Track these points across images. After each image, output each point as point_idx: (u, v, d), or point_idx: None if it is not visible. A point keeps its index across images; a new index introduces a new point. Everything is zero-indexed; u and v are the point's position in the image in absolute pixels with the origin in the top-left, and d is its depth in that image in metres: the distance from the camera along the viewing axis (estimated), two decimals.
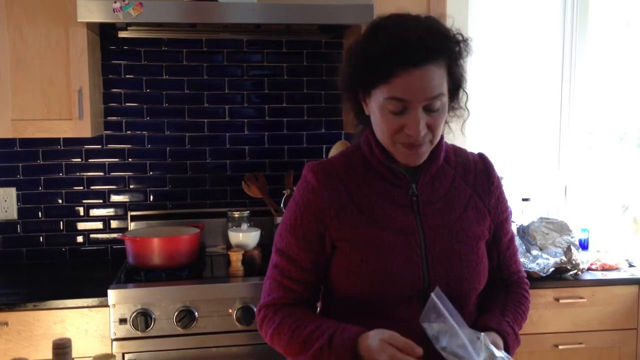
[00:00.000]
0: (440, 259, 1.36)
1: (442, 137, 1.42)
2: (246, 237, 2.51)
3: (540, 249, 2.51)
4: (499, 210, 1.49)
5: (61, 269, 2.73)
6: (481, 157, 1.53)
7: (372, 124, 1.38)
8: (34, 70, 2.43)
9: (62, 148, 2.82)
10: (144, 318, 2.23)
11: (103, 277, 2.47)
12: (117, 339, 2.25)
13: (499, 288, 1.51)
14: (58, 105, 2.46)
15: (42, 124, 2.45)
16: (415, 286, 1.34)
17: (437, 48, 1.28)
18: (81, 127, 2.47)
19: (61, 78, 2.45)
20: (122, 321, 2.24)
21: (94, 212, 2.87)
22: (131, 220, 2.84)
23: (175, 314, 2.26)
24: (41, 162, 2.81)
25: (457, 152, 1.51)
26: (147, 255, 2.39)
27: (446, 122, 1.41)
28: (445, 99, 1.32)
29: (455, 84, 1.36)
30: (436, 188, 1.43)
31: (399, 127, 1.30)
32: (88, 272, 2.70)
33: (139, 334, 2.24)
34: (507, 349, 1.35)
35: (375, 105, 1.32)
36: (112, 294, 2.23)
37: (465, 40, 1.36)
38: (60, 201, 2.84)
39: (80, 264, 2.82)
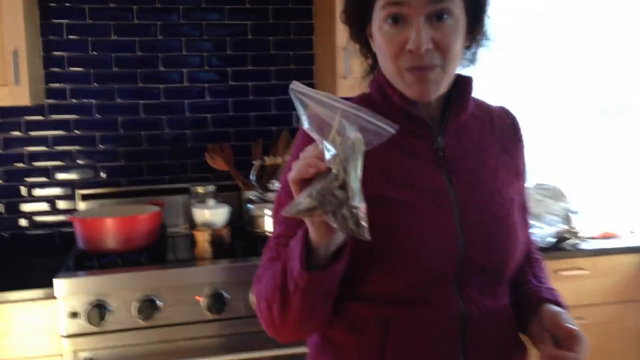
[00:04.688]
0: (476, 224, 1.14)
1: (470, 80, 1.21)
2: (213, 214, 2.24)
3: (535, 218, 2.31)
4: (525, 169, 1.30)
5: (3, 257, 2.42)
6: (505, 110, 1.32)
7: (380, 63, 1.17)
8: None
9: None
10: (98, 311, 1.95)
11: (51, 264, 2.17)
12: (69, 336, 1.97)
13: None
14: None
15: None
16: (450, 258, 1.11)
17: None
18: (18, 93, 2.16)
19: None
20: (74, 315, 1.96)
21: (38, 191, 2.55)
22: (80, 200, 2.53)
23: (135, 304, 1.98)
24: None
25: (479, 103, 1.29)
26: (99, 239, 2.10)
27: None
28: (458, 12, 1.10)
29: (475, 7, 1.14)
30: (464, 142, 1.21)
31: (400, 45, 1.09)
32: (34, 260, 2.39)
33: (94, 329, 1.96)
34: None
35: (376, 28, 1.13)
36: (59, 285, 1.94)
37: None
38: None
39: (24, 250, 2.51)
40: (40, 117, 2.52)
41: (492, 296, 1.16)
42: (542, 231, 2.23)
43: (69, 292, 1.95)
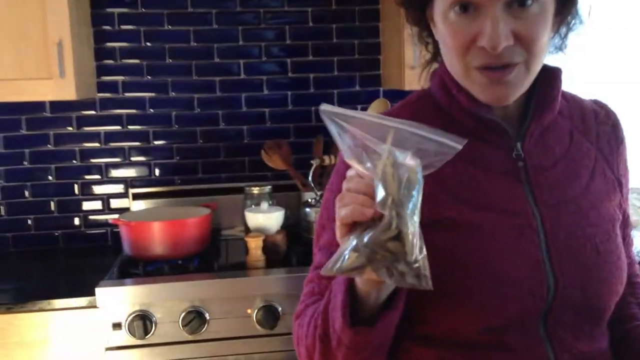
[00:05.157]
0: (569, 252, 0.91)
1: (558, 72, 0.97)
2: (267, 218, 2.05)
3: (633, 227, 2.01)
4: (627, 177, 1.05)
5: (54, 258, 2.32)
6: (600, 104, 1.07)
7: (443, 56, 0.95)
8: (3, 19, 1.98)
9: (49, 115, 2.38)
10: (142, 322, 1.81)
11: (101, 266, 2.05)
12: (110, 348, 1.83)
13: None
14: (34, 61, 2.01)
15: (16, 85, 2.00)
16: (534, 295, 0.89)
17: None
18: (64, 87, 2.03)
19: (37, 28, 2.00)
20: (116, 326, 1.82)
21: (91, 189, 2.44)
22: (133, 199, 2.40)
23: (182, 316, 1.82)
24: (25, 132, 2.37)
25: (566, 97, 1.04)
26: (146, 244, 1.96)
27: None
28: None
29: None
30: (550, 147, 0.98)
31: (470, 39, 0.87)
32: (85, 262, 2.27)
33: (137, 341, 1.82)
34: None
35: (439, 14, 0.91)
36: (102, 293, 1.81)
37: None
38: (50, 178, 2.41)
39: (77, 251, 2.40)
40: (92, 112, 2.40)
41: (589, 339, 0.93)
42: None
43: (112, 301, 1.81)
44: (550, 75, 0.97)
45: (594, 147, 1.00)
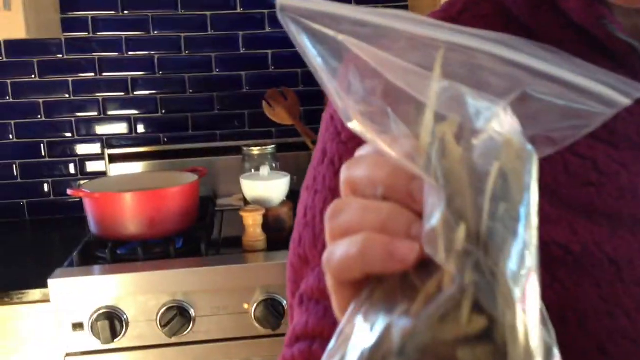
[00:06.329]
0: None
1: None
2: (268, 187, 1.63)
3: None
4: None
5: (18, 233, 1.93)
6: None
7: None
8: None
9: (3, 59, 1.95)
10: (109, 322, 1.41)
11: (70, 247, 1.65)
12: (71, 354, 1.44)
13: None
14: None
15: None
16: None
17: None
18: (11, 21, 1.60)
19: None
20: (77, 326, 1.43)
21: (60, 150, 2.03)
22: (110, 162, 2.00)
23: (160, 313, 1.43)
24: None
25: None
26: (115, 221, 1.54)
27: None
28: None
29: None
30: None
31: None
32: (54, 238, 1.89)
33: (102, 346, 1.43)
34: None
35: None
36: (56, 286, 1.41)
37: None
38: (10, 137, 2.00)
39: (45, 224, 2.01)
40: (57, 56, 1.98)
41: None
42: None
43: (69, 296, 1.42)
44: None
45: None
